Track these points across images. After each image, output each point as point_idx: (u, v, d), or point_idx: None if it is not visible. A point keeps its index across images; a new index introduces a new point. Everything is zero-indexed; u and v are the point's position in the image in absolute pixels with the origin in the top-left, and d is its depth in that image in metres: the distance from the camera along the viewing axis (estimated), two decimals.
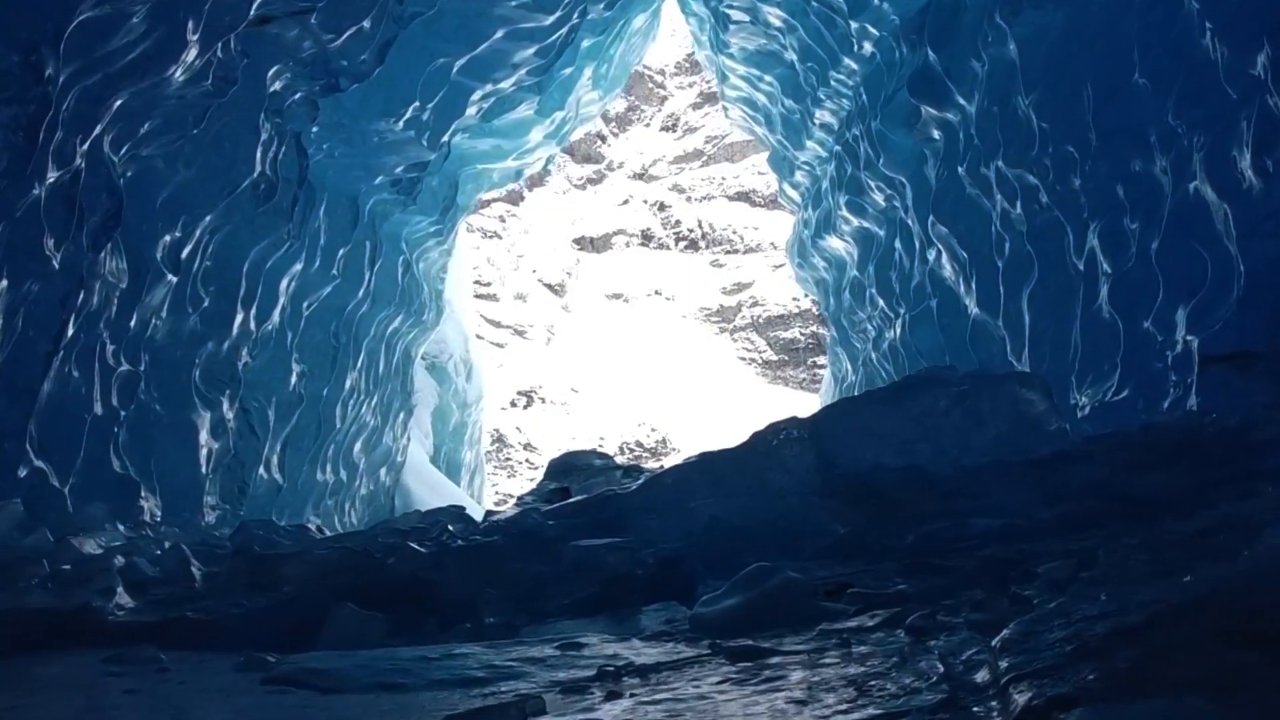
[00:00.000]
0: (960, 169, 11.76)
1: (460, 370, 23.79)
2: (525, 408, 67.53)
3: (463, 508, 9.94)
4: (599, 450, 11.40)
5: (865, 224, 15.19)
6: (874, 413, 9.49)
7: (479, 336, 73.20)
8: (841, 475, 8.97)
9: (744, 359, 72.87)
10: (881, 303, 14.84)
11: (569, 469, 12.46)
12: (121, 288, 10.20)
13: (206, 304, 12.30)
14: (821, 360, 73.95)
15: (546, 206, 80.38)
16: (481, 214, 77.53)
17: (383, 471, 20.19)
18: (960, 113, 11.62)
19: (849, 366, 17.75)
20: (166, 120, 10.24)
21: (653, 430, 64.23)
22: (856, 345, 16.83)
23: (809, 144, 16.70)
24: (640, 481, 9.09)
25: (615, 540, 7.69)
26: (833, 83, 14.58)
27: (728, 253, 76.18)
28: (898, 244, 14.08)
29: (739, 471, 9.15)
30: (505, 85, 15.61)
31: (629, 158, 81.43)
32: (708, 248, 77.08)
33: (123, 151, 9.73)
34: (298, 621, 5.34)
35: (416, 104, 14.30)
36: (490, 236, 77.83)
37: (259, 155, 12.34)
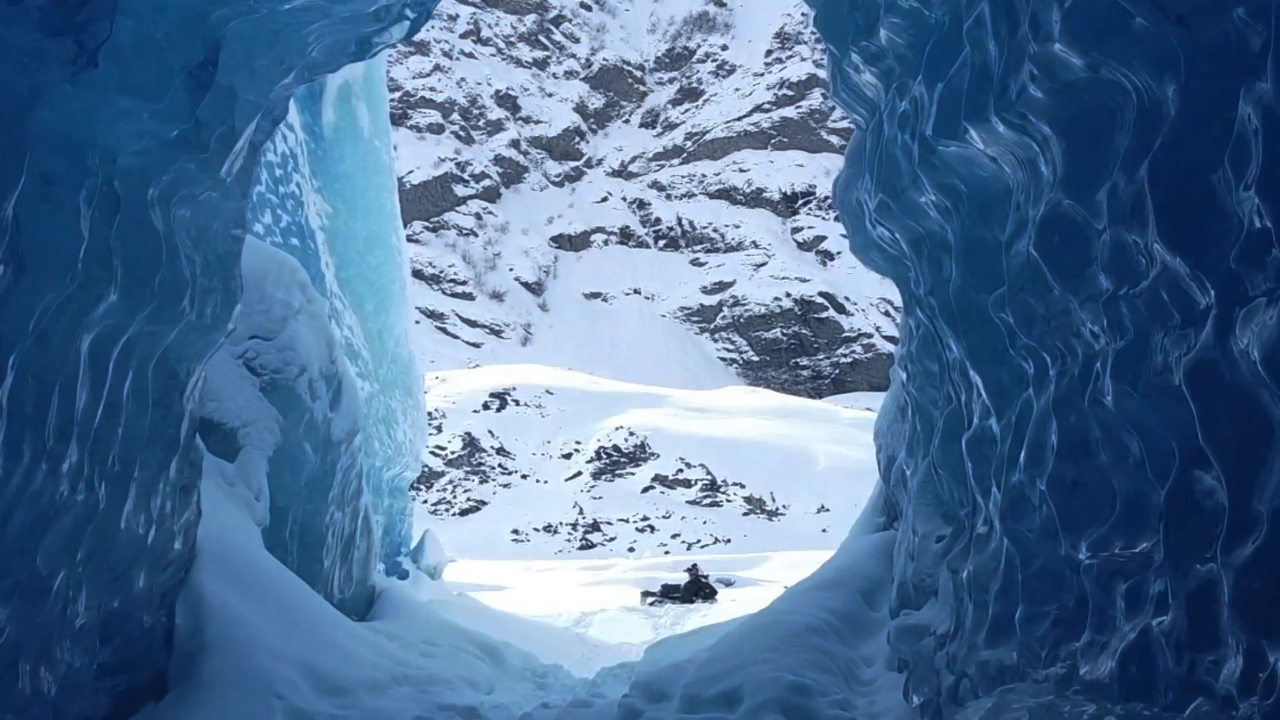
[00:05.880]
0: None
1: (319, 391, 13.71)
2: (499, 410, 60.13)
3: None
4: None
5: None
6: None
7: (453, 336, 63.95)
8: None
9: (725, 359, 64.24)
10: (1101, 285, 4.76)
11: None
12: None
13: None
14: (804, 361, 64.84)
15: (523, 204, 71.56)
16: (457, 211, 67.90)
17: (141, 576, 10.05)
18: None
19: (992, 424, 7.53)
20: None
21: (631, 434, 56.80)
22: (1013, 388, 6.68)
23: None
24: None
25: None
26: None
27: (708, 251, 67.42)
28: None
29: None
30: None
31: (608, 154, 72.13)
32: (687, 246, 68.27)
33: None
34: None
35: None
36: (466, 234, 68.56)
37: None
